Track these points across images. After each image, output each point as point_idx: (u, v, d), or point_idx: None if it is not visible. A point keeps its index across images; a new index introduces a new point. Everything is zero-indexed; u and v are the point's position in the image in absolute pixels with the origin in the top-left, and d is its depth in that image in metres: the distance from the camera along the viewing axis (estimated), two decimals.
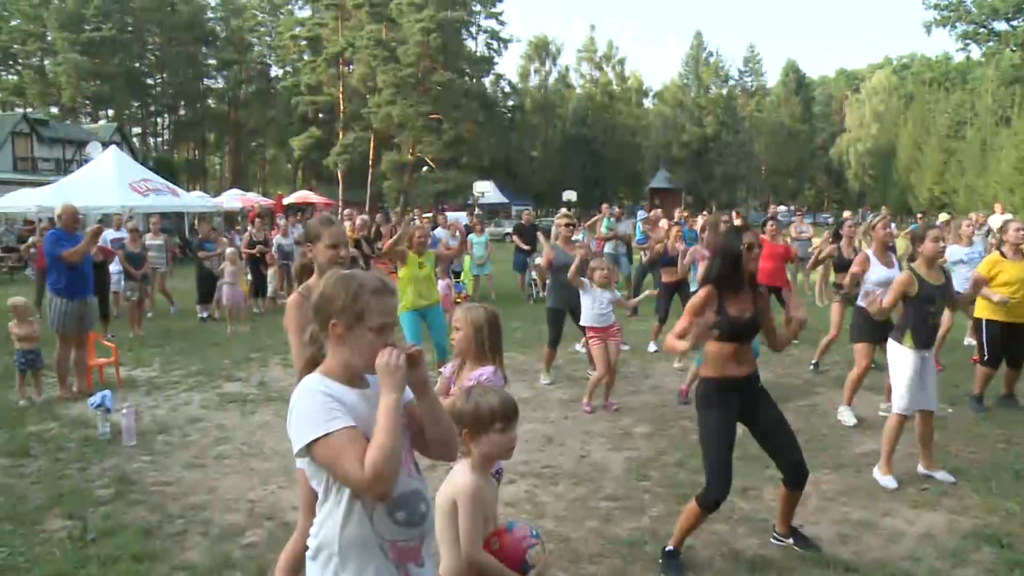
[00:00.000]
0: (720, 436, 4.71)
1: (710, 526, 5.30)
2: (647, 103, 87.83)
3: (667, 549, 4.85)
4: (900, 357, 6.09)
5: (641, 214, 19.90)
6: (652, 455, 6.90)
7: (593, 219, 20.11)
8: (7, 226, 28.66)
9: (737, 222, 9.17)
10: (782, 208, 39.53)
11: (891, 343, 6.22)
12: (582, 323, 8.74)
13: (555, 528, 5.34)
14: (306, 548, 4.02)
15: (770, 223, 11.61)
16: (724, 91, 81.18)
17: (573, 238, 10.01)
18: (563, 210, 11.67)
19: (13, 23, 71.04)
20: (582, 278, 8.66)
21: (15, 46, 72.05)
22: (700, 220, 18.84)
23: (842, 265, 9.81)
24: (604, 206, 18.79)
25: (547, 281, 10.68)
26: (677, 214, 18.68)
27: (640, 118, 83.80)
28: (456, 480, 3.05)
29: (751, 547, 5.06)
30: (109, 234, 14.88)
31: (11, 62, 74.27)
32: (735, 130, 77.94)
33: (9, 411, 8.64)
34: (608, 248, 16.84)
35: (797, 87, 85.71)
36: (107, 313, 13.44)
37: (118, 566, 4.82)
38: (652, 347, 11.75)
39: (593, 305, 8.57)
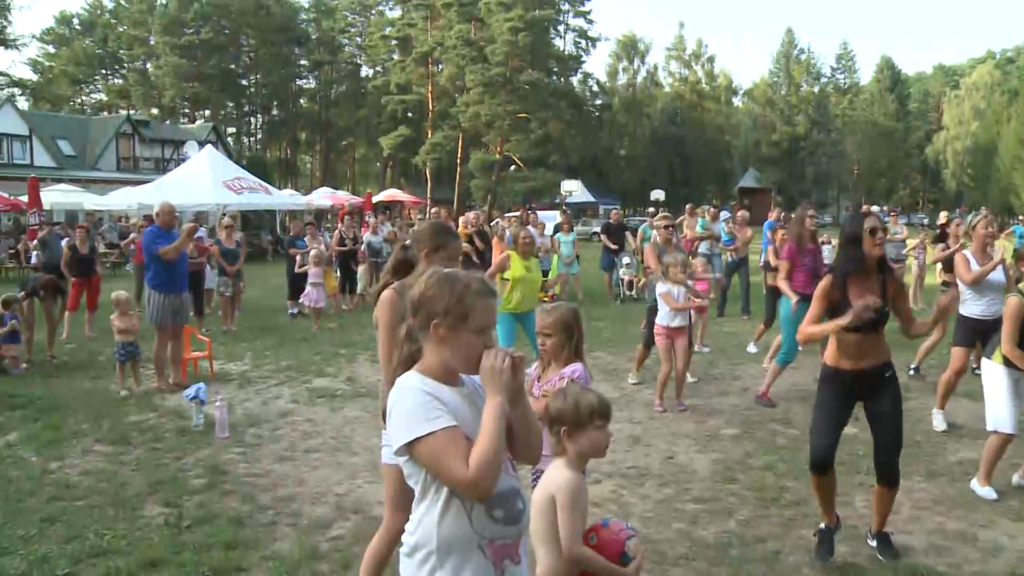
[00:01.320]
0: (822, 410, 4.75)
1: (797, 531, 5.20)
2: (736, 101, 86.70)
3: (820, 527, 4.89)
4: (992, 374, 5.88)
5: (725, 214, 19.61)
6: (739, 458, 6.80)
7: (679, 219, 19.91)
8: (110, 223, 29.72)
9: (811, 212, 8.95)
10: (875, 208, 38.54)
11: (984, 360, 6.02)
12: (658, 320, 8.65)
13: (641, 529, 5.29)
14: (391, 545, 4.10)
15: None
16: (816, 89, 79.65)
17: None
18: (659, 210, 11.61)
19: (120, 29, 73.86)
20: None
21: (122, 51, 75.02)
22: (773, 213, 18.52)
23: (949, 265, 9.53)
24: (689, 206, 18.58)
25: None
26: (772, 215, 18.38)
27: (729, 116, 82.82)
28: (554, 477, 3.05)
29: (840, 554, 4.93)
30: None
31: (117, 66, 77.22)
32: (827, 128, 76.40)
33: (111, 401, 8.96)
34: (703, 248, 16.65)
35: (892, 84, 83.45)
36: (201, 308, 13.82)
37: (211, 553, 4.94)
38: (752, 348, 11.57)
39: (673, 299, 8.51)
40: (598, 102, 77.21)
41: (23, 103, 65.16)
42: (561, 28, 68.82)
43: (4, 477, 6.45)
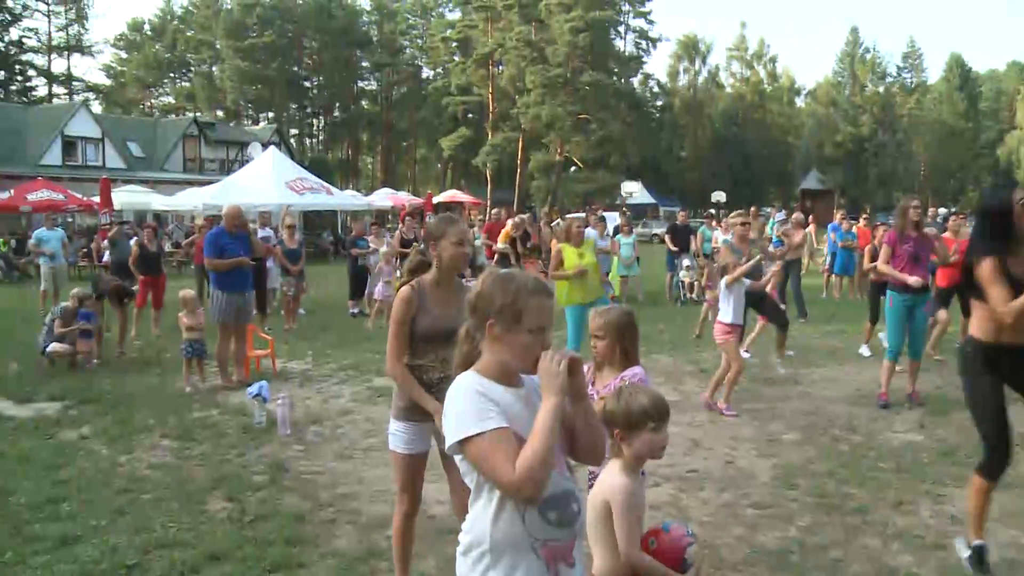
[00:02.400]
0: (987, 402, 4.59)
1: (860, 539, 5.12)
2: (799, 102, 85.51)
3: (973, 544, 4.68)
4: None
5: (779, 216, 19.39)
6: (801, 463, 6.70)
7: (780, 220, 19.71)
8: (176, 223, 30.34)
9: (915, 203, 8.81)
10: (942, 210, 37.76)
11: None
12: (720, 318, 8.61)
13: (700, 533, 5.24)
14: (403, 522, 4.29)
15: (953, 218, 11.17)
16: (881, 88, 78.16)
17: (722, 237, 9.89)
18: (720, 212, 11.52)
19: (188, 33, 75.58)
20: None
21: (189, 55, 76.71)
22: (837, 216, 18.27)
23: None
24: (753, 209, 18.40)
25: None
26: (838, 217, 18.14)
27: (792, 117, 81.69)
28: (609, 481, 3.04)
29: (905, 565, 4.83)
30: (257, 232, 15.54)
31: (184, 70, 78.94)
32: (892, 129, 74.88)
33: (176, 397, 9.15)
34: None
35: (962, 82, 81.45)
36: (264, 307, 14.03)
37: (273, 549, 5.02)
38: (865, 351, 11.32)
39: (731, 298, 8.47)
40: (659, 103, 76.76)
41: (96, 107, 66.88)
42: (621, 29, 68.60)
43: (78, 468, 6.64)
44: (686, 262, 17.90)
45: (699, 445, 7.25)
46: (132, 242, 13.54)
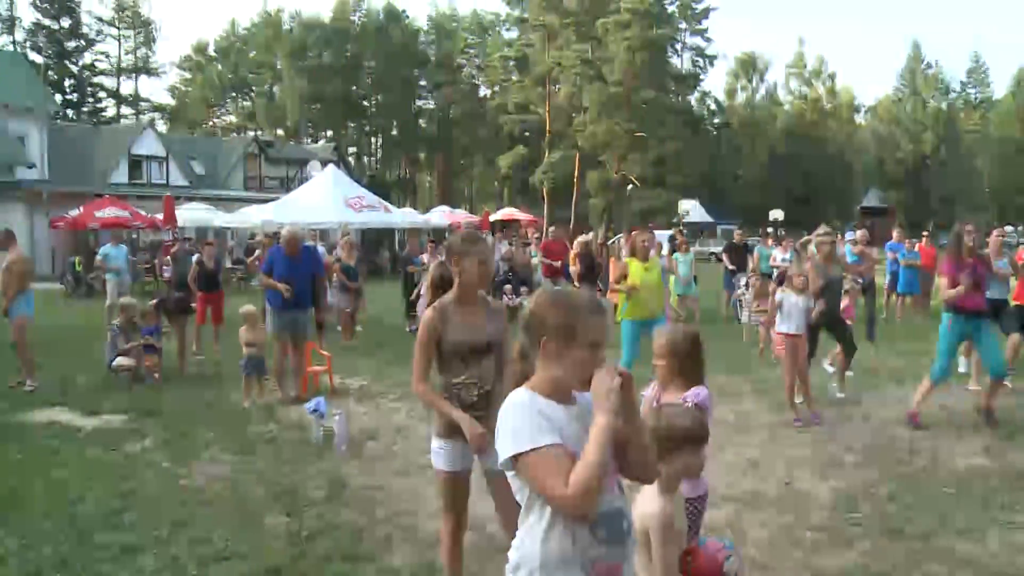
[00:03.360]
0: None
1: (924, 567, 5.00)
2: (859, 119, 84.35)
3: None
4: None
5: (849, 235, 19.06)
6: (862, 486, 6.56)
7: (804, 239, 19.45)
8: (236, 240, 30.80)
9: (969, 227, 8.66)
10: (1008, 228, 36.85)
11: None
12: (777, 328, 8.60)
13: (758, 556, 5.19)
14: (449, 540, 4.32)
15: (996, 231, 10.96)
16: (944, 104, 76.75)
17: (780, 255, 9.81)
18: (779, 230, 11.42)
19: (250, 55, 77.20)
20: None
21: (251, 75, 78.33)
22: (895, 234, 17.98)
23: None
24: (821, 227, 18.17)
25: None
26: (896, 235, 17.88)
27: (851, 134, 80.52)
28: (646, 509, 3.03)
29: None
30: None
31: (246, 90, 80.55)
32: (956, 145, 73.43)
33: (235, 412, 9.29)
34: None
35: None
36: (322, 323, 14.17)
37: (330, 564, 5.06)
38: (963, 367, 11.01)
39: (787, 308, 8.49)
40: (716, 121, 76.30)
41: (161, 126, 68.56)
42: (678, 47, 68.32)
43: (140, 480, 6.78)
44: (744, 280, 17.71)
45: (757, 466, 7.16)
46: (193, 259, 13.77)
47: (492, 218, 40.89)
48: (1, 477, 6.88)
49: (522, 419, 2.37)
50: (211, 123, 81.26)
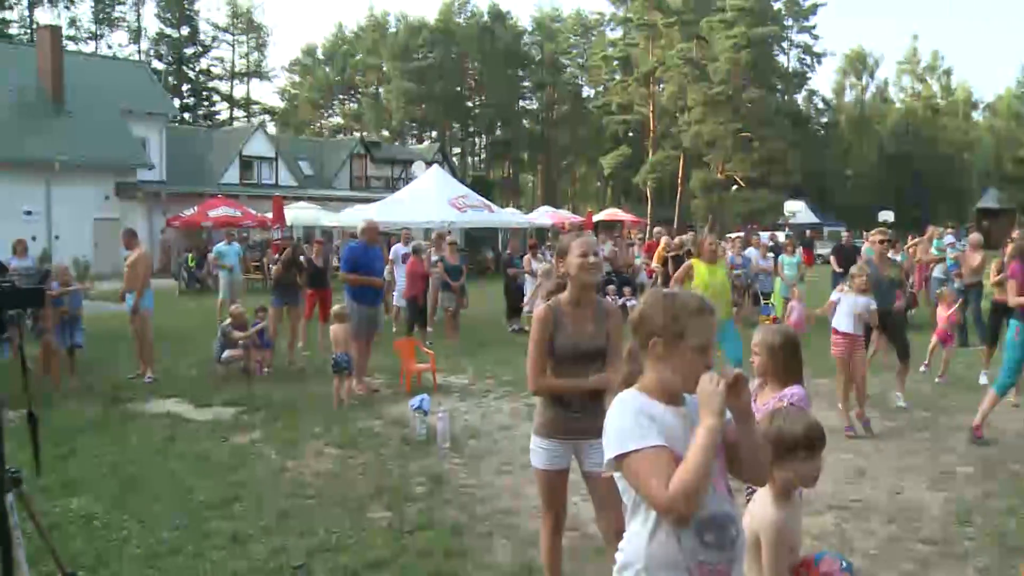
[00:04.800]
0: None
1: None
2: (976, 116, 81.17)
3: None
4: None
5: (948, 239, 18.38)
6: (976, 499, 6.31)
7: (915, 241, 18.90)
8: (342, 239, 31.35)
9: None
10: None
11: None
12: (834, 324, 8.44)
13: (866, 567, 5.04)
14: (549, 538, 4.33)
15: None
16: None
17: (891, 256, 9.54)
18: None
19: (356, 57, 78.86)
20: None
21: (357, 77, 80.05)
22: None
23: None
24: (930, 228, 17.66)
25: None
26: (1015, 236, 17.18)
27: (967, 132, 77.47)
28: (758, 513, 2.97)
29: None
30: (399, 249, 16.00)
31: (352, 91, 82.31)
32: None
33: (340, 408, 9.47)
34: (937, 272, 15.74)
35: None
36: (426, 321, 14.37)
37: (430, 559, 5.13)
38: (983, 379, 10.71)
39: (845, 309, 8.34)
40: (823, 120, 74.46)
41: (271, 128, 70.59)
42: (785, 44, 66.94)
43: (249, 471, 7.00)
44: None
45: (864, 474, 6.96)
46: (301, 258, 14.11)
47: (595, 218, 40.79)
48: (122, 463, 7.20)
49: (629, 419, 2.37)
50: (318, 124, 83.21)
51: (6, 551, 3.63)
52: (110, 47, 66.40)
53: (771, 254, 18.17)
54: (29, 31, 56.03)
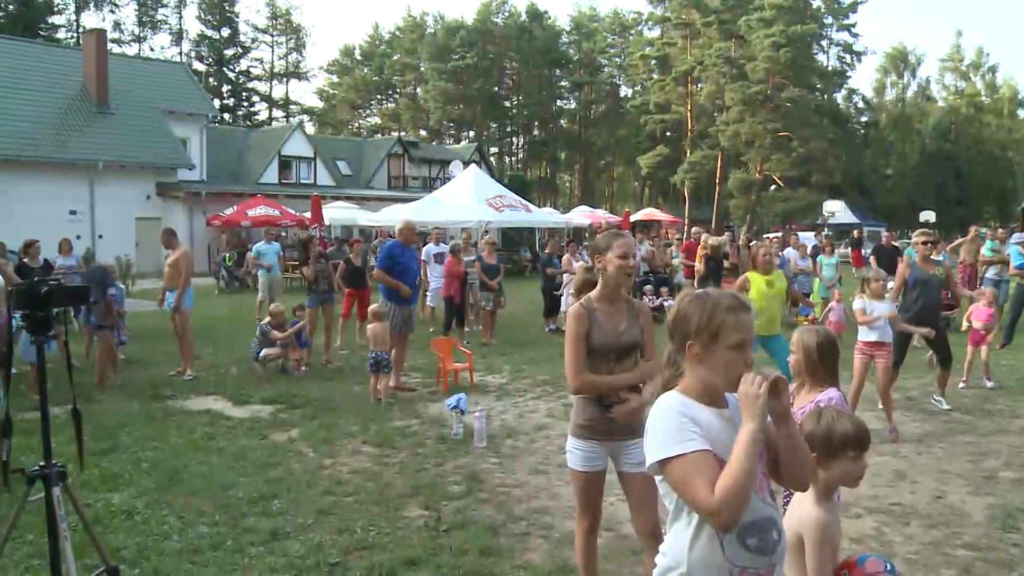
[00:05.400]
0: None
1: None
2: (1021, 114, 79.82)
3: None
4: None
5: (1019, 236, 18.07)
6: (1021, 504, 6.21)
7: (957, 242, 18.66)
8: (380, 239, 31.48)
9: None
10: None
11: None
12: (860, 337, 8.40)
13: (906, 572, 4.98)
14: (584, 539, 4.32)
15: None
16: None
17: (934, 258, 9.36)
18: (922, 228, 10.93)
19: (394, 57, 79.35)
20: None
21: (395, 78, 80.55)
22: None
23: None
24: (972, 228, 17.38)
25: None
26: None
27: (1013, 130, 76.23)
28: (801, 513, 2.94)
29: None
30: (431, 248, 16.04)
31: (390, 92, 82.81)
32: None
33: (377, 405, 9.53)
34: (990, 273, 15.48)
35: None
36: (463, 321, 14.40)
37: (466, 558, 5.14)
38: (988, 384, 10.59)
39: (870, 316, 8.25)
40: (863, 119, 73.61)
41: (309, 128, 71.16)
42: (824, 43, 66.31)
43: (287, 468, 7.05)
44: (890, 284, 17.04)
45: (905, 477, 6.88)
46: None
47: (633, 218, 40.65)
48: (164, 459, 7.29)
49: (671, 423, 2.35)
50: (356, 124, 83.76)
51: (54, 544, 3.70)
52: (152, 49, 67.70)
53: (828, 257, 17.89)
54: (75, 35, 56.90)
